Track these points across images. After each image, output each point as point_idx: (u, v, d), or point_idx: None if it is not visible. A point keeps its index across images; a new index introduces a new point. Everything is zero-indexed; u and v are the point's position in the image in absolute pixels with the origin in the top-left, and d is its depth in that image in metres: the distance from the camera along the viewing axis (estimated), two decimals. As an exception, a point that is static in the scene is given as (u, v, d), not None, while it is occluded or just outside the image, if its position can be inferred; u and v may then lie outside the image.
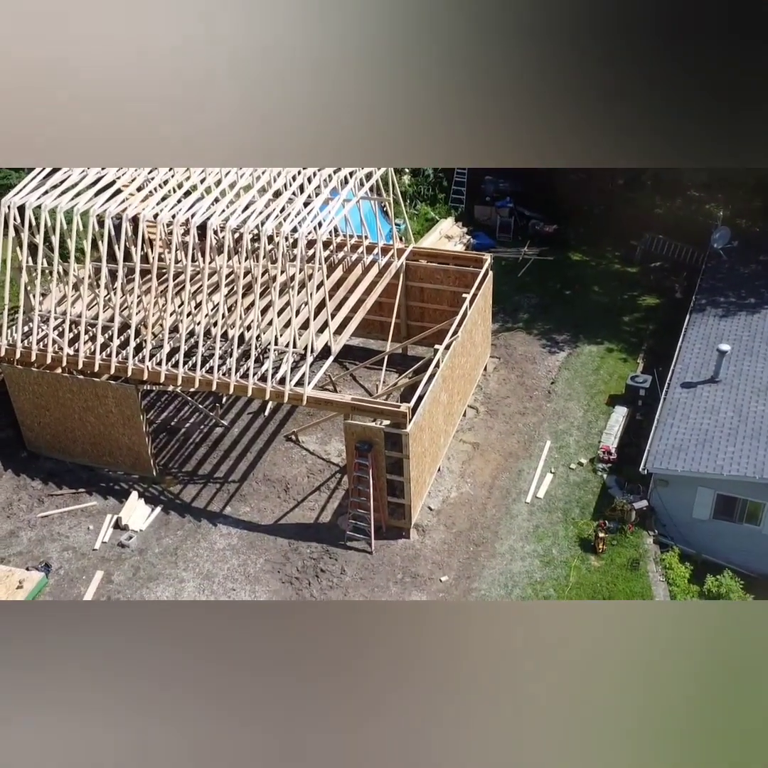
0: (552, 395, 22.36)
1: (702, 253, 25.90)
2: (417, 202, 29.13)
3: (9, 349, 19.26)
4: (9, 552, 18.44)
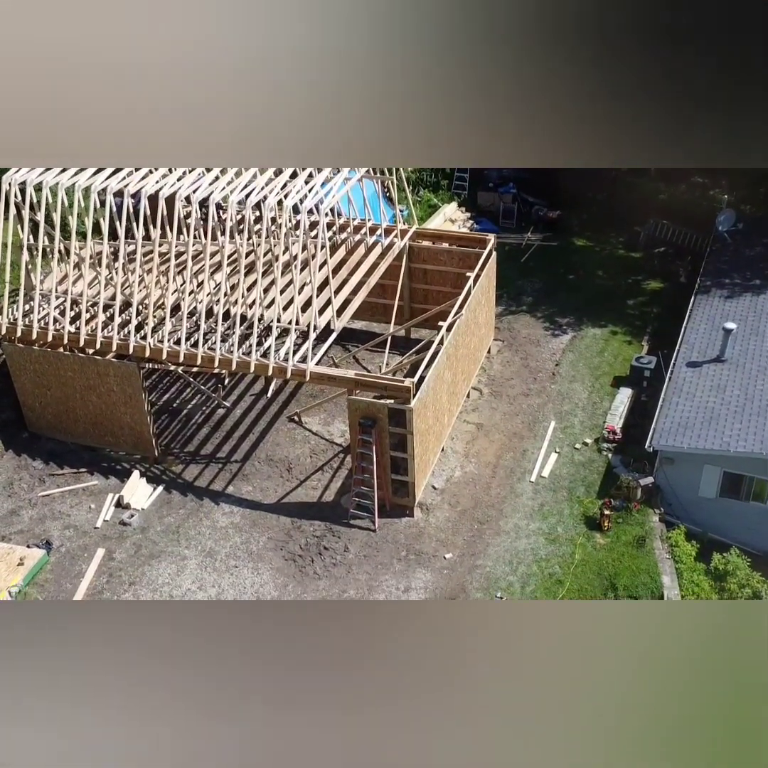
0: (556, 377, 22.21)
1: (706, 239, 25.74)
2: (420, 188, 28.99)
3: (10, 327, 19.13)
4: (10, 530, 18.30)
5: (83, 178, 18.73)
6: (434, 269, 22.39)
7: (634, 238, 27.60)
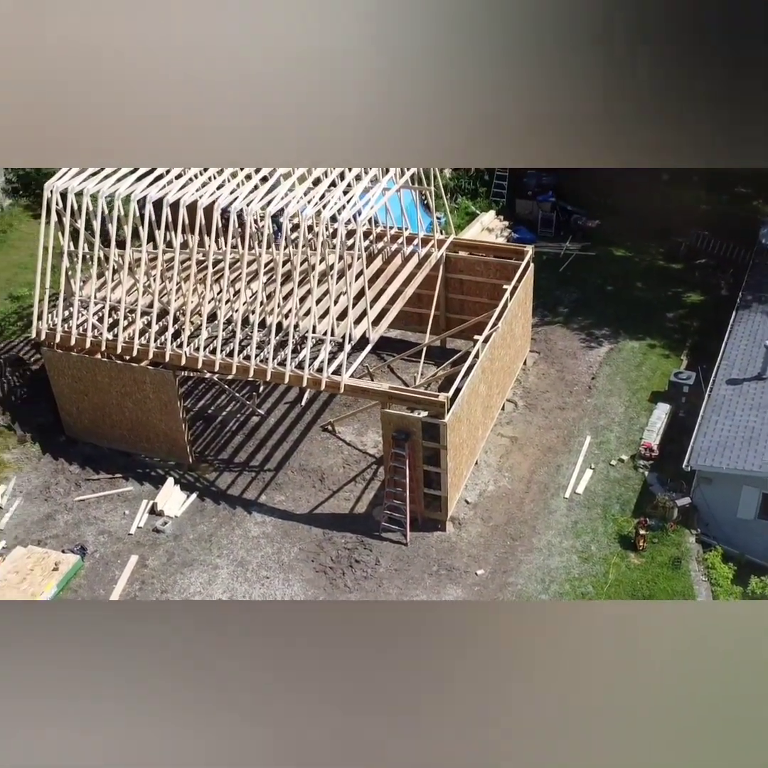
0: (592, 391, 21.94)
1: (749, 251, 25.29)
2: (458, 195, 28.82)
3: (49, 333, 19.31)
4: (45, 534, 18.47)
5: (123, 187, 18.83)
6: (471, 280, 22.23)
7: (674, 249, 27.21)
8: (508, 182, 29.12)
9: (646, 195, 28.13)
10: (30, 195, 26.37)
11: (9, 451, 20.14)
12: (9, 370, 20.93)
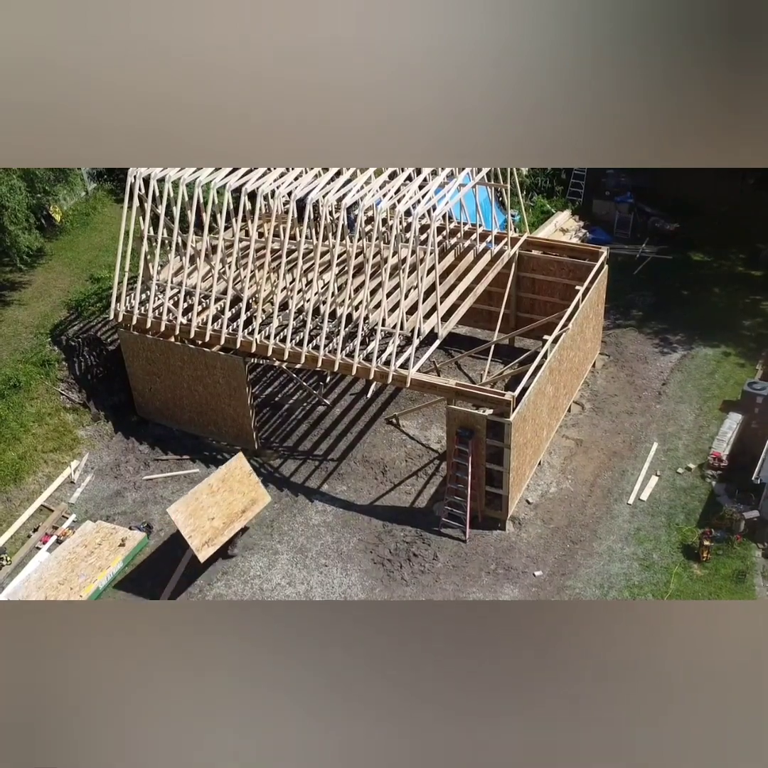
0: (662, 397, 21.53)
1: (834, 260, 24.50)
2: (533, 193, 28.54)
3: (126, 315, 19.80)
4: (114, 511, 18.98)
5: (204, 174, 19.17)
6: (543, 279, 22.01)
7: (755, 255, 26.46)
8: (585, 182, 28.71)
9: (729, 199, 27.47)
10: (114, 179, 27.00)
11: (83, 428, 20.74)
12: (87, 349, 21.51)
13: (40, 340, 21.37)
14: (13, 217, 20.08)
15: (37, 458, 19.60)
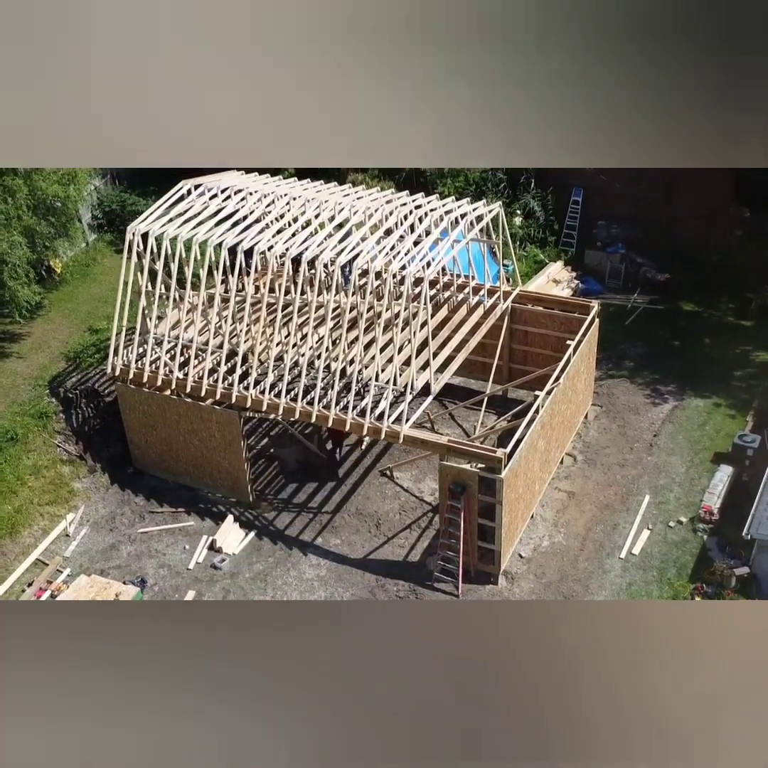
0: (654, 448, 21.61)
1: (823, 311, 24.73)
2: (527, 244, 28.85)
3: (123, 369, 19.95)
4: (109, 564, 18.97)
5: (202, 231, 19.44)
6: (536, 332, 22.21)
7: (745, 305, 26.67)
8: (577, 232, 29.03)
9: (719, 249, 27.75)
10: (114, 231, 27.33)
11: (80, 480, 20.79)
12: (84, 401, 21.64)
13: (38, 392, 21.51)
14: (13, 273, 20.32)
15: (33, 511, 19.63)
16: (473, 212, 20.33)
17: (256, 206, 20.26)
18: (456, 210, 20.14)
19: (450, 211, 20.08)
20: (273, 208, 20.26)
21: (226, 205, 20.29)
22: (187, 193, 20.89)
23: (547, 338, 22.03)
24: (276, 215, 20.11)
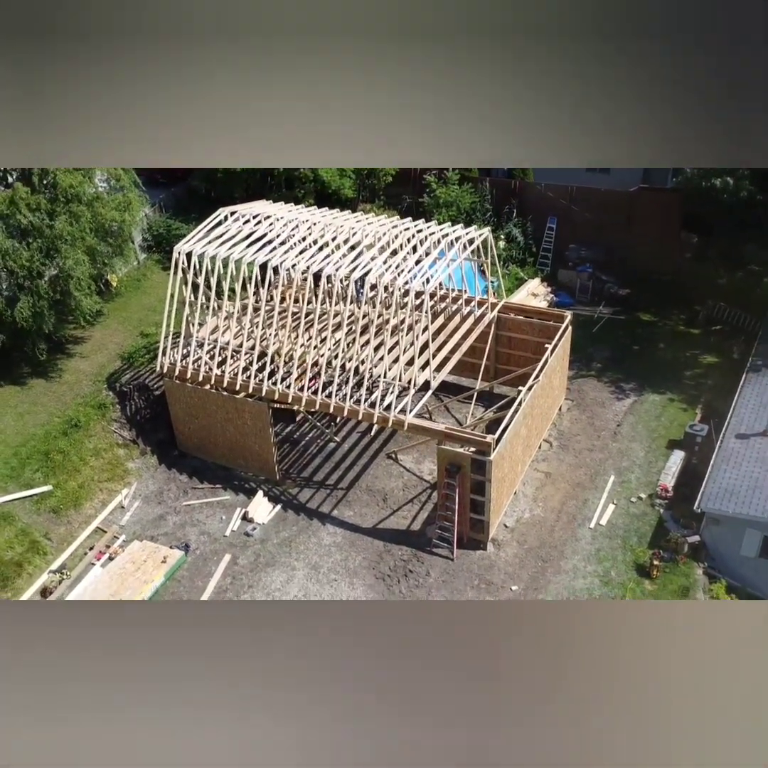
0: (617, 436, 21.52)
1: (759, 322, 24.61)
2: (509, 263, 28.72)
3: (170, 367, 19.86)
4: (157, 532, 18.88)
5: (237, 251, 19.35)
6: (518, 337, 22.10)
7: (694, 316, 26.58)
8: (552, 254, 28.94)
9: (671, 269, 27.66)
10: (161, 251, 27.21)
11: (133, 461, 20.69)
12: (136, 394, 21.53)
13: (97, 387, 21.42)
14: (78, 285, 20.20)
15: (93, 487, 19.53)
16: (466, 236, 20.23)
17: (283, 230, 20.17)
18: (451, 234, 20.05)
19: (446, 234, 19.99)
20: (297, 231, 20.16)
21: (257, 229, 20.19)
22: (224, 219, 20.80)
23: (527, 343, 21.93)
24: (299, 238, 20.01)
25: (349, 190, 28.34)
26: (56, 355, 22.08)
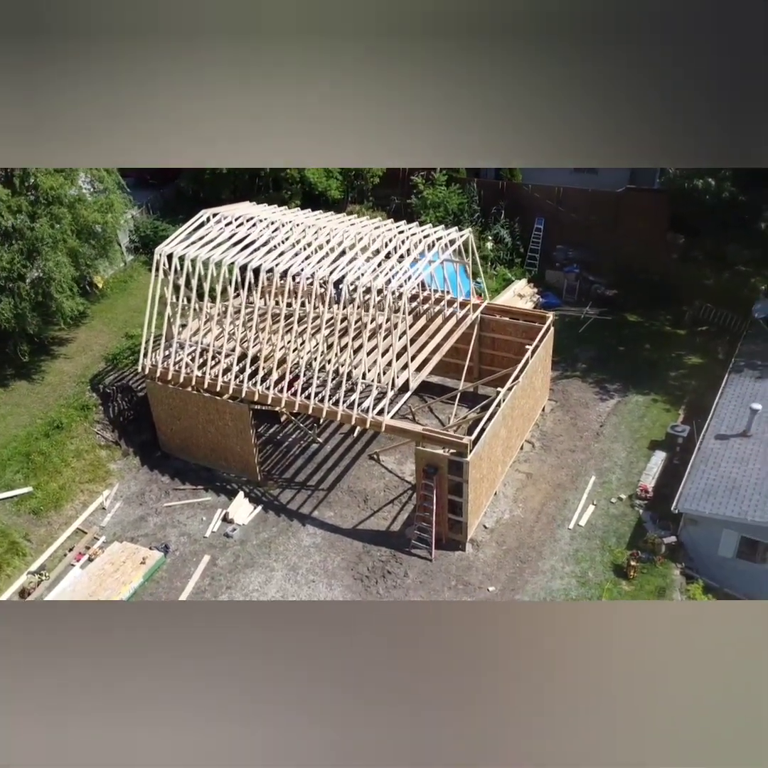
0: (600, 437, 21.55)
1: (744, 323, 24.64)
2: (497, 264, 28.78)
3: (152, 368, 19.93)
4: (138, 533, 18.95)
5: (217, 253, 19.42)
6: (501, 338, 22.13)
7: (679, 317, 26.61)
8: (539, 255, 28.98)
9: (658, 270, 27.68)
10: (148, 253, 27.25)
11: (115, 462, 20.78)
12: (119, 395, 21.60)
13: (80, 388, 21.50)
14: (59, 287, 20.27)
15: (74, 488, 19.62)
16: (447, 237, 20.27)
17: (264, 232, 20.24)
18: (432, 235, 20.10)
19: (427, 235, 20.04)
20: (278, 233, 20.22)
21: (239, 231, 20.26)
22: (206, 221, 20.87)
23: (511, 344, 21.95)
24: (280, 239, 20.06)
25: (336, 191, 28.40)
26: (40, 357, 22.16)
